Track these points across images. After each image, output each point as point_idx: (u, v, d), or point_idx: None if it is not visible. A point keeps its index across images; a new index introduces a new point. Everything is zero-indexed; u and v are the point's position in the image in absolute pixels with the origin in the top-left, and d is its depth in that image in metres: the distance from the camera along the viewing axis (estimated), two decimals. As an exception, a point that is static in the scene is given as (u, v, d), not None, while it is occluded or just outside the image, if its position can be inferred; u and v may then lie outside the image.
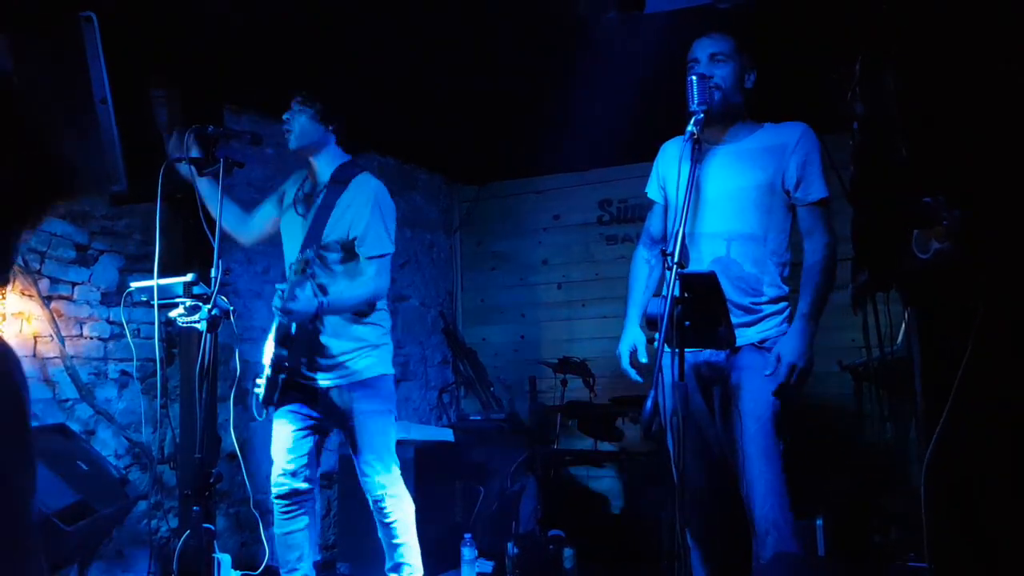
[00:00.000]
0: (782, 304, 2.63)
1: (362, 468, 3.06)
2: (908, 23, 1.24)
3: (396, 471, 3.09)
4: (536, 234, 5.78)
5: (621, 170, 5.41)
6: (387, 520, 3.07)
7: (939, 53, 1.24)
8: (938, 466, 1.33)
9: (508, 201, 5.89)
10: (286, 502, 3.06)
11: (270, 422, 3.12)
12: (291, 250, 3.10)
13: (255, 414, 3.03)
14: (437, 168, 5.74)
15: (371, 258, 2.98)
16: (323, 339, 2.98)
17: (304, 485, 3.06)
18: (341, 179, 3.06)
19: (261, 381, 3.00)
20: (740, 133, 2.67)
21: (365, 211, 2.97)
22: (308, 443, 3.08)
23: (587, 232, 5.59)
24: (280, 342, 2.93)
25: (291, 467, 3.04)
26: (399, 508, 3.08)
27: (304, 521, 3.08)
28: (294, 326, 2.93)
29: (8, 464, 0.77)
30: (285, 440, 3.05)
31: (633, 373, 2.71)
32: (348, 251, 3.01)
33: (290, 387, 2.98)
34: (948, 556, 1.50)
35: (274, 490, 3.08)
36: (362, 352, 3.02)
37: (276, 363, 2.93)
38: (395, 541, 3.08)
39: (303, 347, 2.97)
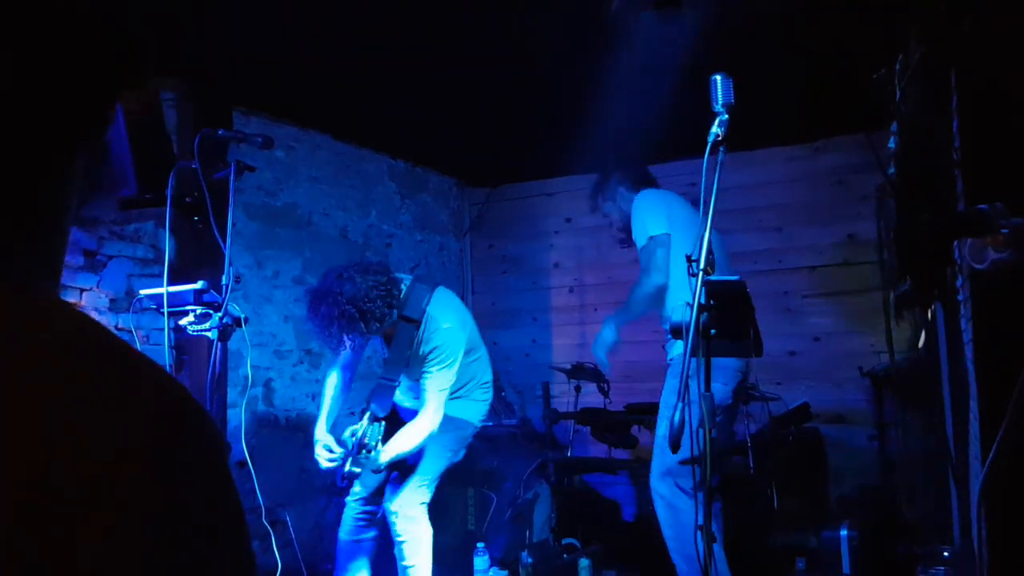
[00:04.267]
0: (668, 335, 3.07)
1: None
2: (968, 19, 1.18)
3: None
4: (548, 237, 5.70)
5: (634, 172, 5.34)
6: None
7: (1001, 50, 1.17)
8: (995, 485, 1.26)
9: (519, 204, 5.83)
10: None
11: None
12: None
13: (338, 481, 3.18)
14: (448, 170, 5.68)
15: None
16: None
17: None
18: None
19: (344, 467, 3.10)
20: None
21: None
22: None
23: (599, 235, 5.50)
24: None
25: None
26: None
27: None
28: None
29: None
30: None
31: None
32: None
33: None
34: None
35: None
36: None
37: (349, 477, 3.12)
38: None
39: None
